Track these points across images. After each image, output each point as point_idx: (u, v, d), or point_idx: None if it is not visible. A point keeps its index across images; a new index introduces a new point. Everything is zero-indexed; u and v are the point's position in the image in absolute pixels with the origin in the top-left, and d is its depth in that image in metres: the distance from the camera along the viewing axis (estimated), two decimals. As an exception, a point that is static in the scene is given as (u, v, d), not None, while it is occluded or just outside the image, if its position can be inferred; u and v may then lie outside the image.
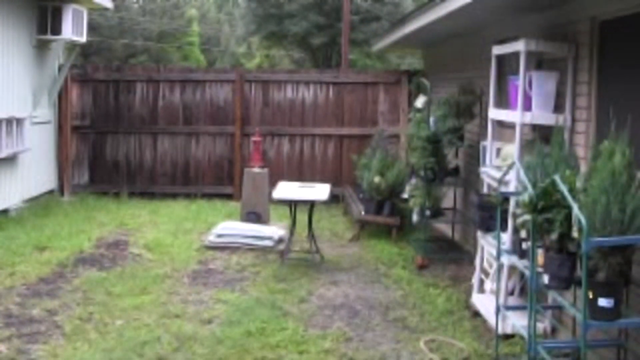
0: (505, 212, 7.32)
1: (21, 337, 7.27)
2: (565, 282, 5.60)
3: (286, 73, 17.25)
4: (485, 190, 8.62)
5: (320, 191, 10.84)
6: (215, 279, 9.67)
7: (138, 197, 15.85)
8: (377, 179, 12.48)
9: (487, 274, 8.39)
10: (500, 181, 7.15)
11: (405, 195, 12.38)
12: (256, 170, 13.02)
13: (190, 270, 10.09)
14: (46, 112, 14.95)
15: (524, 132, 7.61)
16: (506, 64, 8.90)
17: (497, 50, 8.37)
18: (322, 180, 14.58)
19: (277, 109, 16.27)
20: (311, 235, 10.75)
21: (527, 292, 6.92)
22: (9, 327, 7.52)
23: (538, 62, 8.18)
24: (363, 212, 12.69)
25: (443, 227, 12.68)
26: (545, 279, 5.69)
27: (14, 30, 13.05)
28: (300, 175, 15.93)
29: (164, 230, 12.51)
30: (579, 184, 5.61)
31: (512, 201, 7.20)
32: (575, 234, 5.14)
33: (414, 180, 11.86)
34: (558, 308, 6.97)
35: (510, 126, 8.22)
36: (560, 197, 5.52)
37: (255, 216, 12.58)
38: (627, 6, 6.34)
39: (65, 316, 7.91)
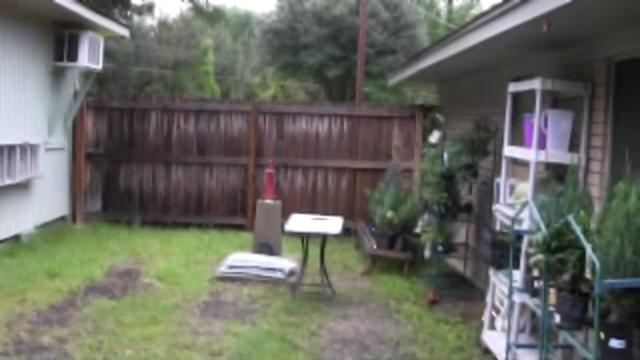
0: (517, 250, 7.31)
1: (30, 365, 7.27)
2: (577, 322, 5.57)
3: (301, 105, 17.30)
4: (498, 227, 8.60)
5: (332, 224, 10.84)
6: (226, 311, 9.65)
7: (150, 226, 15.86)
8: (389, 214, 12.47)
9: (498, 312, 8.35)
10: (514, 219, 7.14)
11: (417, 230, 12.36)
12: (269, 202, 13.03)
13: (201, 301, 10.07)
14: (61, 138, 15.01)
15: (538, 170, 7.59)
16: (522, 102, 8.90)
17: (512, 87, 8.38)
18: (335, 213, 14.58)
19: (291, 141, 16.29)
20: (323, 269, 10.73)
21: (538, 331, 6.88)
22: (19, 354, 7.52)
23: (554, 100, 8.19)
24: (375, 247, 12.66)
25: (455, 262, 12.63)
26: (557, 318, 5.67)
27: (30, 57, 13.13)
28: (313, 207, 15.93)
29: (176, 260, 12.50)
30: (593, 225, 5.59)
31: (525, 239, 7.19)
32: (588, 275, 5.11)
33: (426, 216, 11.85)
34: (569, 348, 6.93)
35: (525, 164, 8.21)
36: (573, 238, 5.50)
37: (267, 248, 12.56)
38: (643, 47, 6.36)
39: (75, 345, 7.89)
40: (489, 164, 11.00)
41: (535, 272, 6.42)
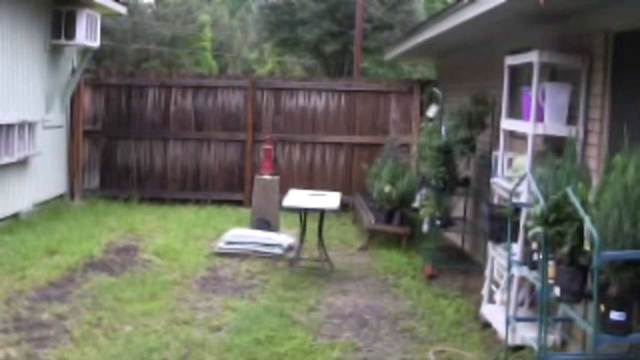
0: (516, 224, 7.31)
1: (30, 341, 7.26)
2: (576, 295, 5.57)
3: (298, 80, 17.27)
4: (496, 201, 8.60)
5: (330, 200, 10.84)
6: (225, 286, 9.66)
7: (148, 202, 15.85)
8: (387, 188, 12.46)
9: (497, 285, 8.36)
10: (512, 192, 7.13)
11: (415, 205, 12.35)
12: (267, 177, 13.02)
13: (200, 276, 10.08)
14: (58, 116, 14.97)
15: (536, 143, 7.58)
16: (519, 75, 8.87)
17: (510, 60, 8.35)
18: (333, 188, 14.56)
19: (289, 117, 16.27)
20: (321, 244, 10.73)
21: (537, 304, 6.89)
22: (19, 331, 7.52)
23: (551, 73, 8.16)
24: (373, 221, 12.67)
25: (453, 237, 12.64)
26: (556, 291, 5.67)
27: (28, 35, 13.07)
28: (310, 183, 15.91)
29: (174, 236, 12.50)
30: (591, 198, 5.58)
31: (524, 212, 7.18)
32: (586, 247, 5.11)
33: (424, 190, 11.84)
34: (568, 321, 6.94)
35: (522, 137, 8.20)
36: (572, 210, 5.50)
37: (265, 223, 12.57)
38: (641, 19, 6.33)
39: (74, 321, 7.90)
40: (486, 137, 10.97)
41: (534, 245, 6.41)
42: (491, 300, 8.43)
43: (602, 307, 5.04)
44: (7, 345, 7.10)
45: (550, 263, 5.82)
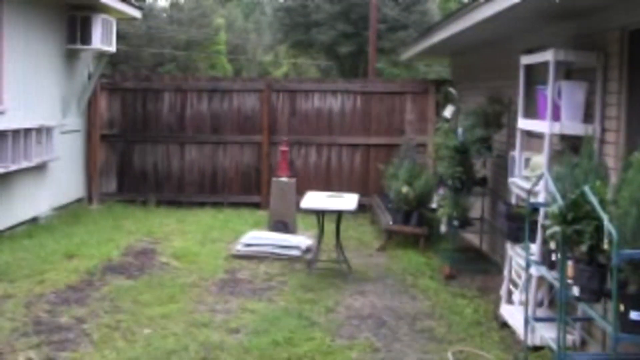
0: (534, 223, 7.29)
1: (50, 344, 7.30)
2: (596, 294, 5.54)
3: (314, 82, 17.29)
4: (513, 200, 8.58)
5: (348, 201, 10.83)
6: (243, 288, 9.67)
7: (166, 205, 15.89)
8: (404, 189, 12.45)
9: (515, 285, 8.34)
10: (529, 192, 7.12)
11: (433, 205, 12.33)
12: (284, 179, 13.03)
13: (218, 279, 10.10)
14: (75, 120, 15.03)
15: (553, 142, 7.57)
16: (535, 74, 8.85)
17: (525, 59, 8.34)
18: (350, 189, 14.58)
19: (305, 119, 16.28)
20: (339, 245, 10.73)
21: (556, 304, 6.87)
22: (39, 334, 7.56)
23: (567, 71, 8.14)
24: (391, 222, 12.65)
25: (471, 237, 12.61)
26: (575, 291, 5.65)
27: (44, 40, 13.14)
28: (327, 184, 15.92)
29: (192, 239, 12.53)
30: (609, 196, 5.56)
31: (542, 212, 7.17)
32: (605, 246, 5.09)
33: (441, 190, 11.82)
34: (588, 320, 6.91)
35: (539, 136, 8.18)
36: (590, 209, 5.48)
37: (282, 225, 12.58)
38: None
39: (94, 324, 7.93)
40: (503, 137, 10.96)
41: (552, 245, 6.39)
42: (510, 301, 8.41)
43: (622, 306, 5.02)
44: (28, 349, 7.15)
45: (569, 262, 5.80)
